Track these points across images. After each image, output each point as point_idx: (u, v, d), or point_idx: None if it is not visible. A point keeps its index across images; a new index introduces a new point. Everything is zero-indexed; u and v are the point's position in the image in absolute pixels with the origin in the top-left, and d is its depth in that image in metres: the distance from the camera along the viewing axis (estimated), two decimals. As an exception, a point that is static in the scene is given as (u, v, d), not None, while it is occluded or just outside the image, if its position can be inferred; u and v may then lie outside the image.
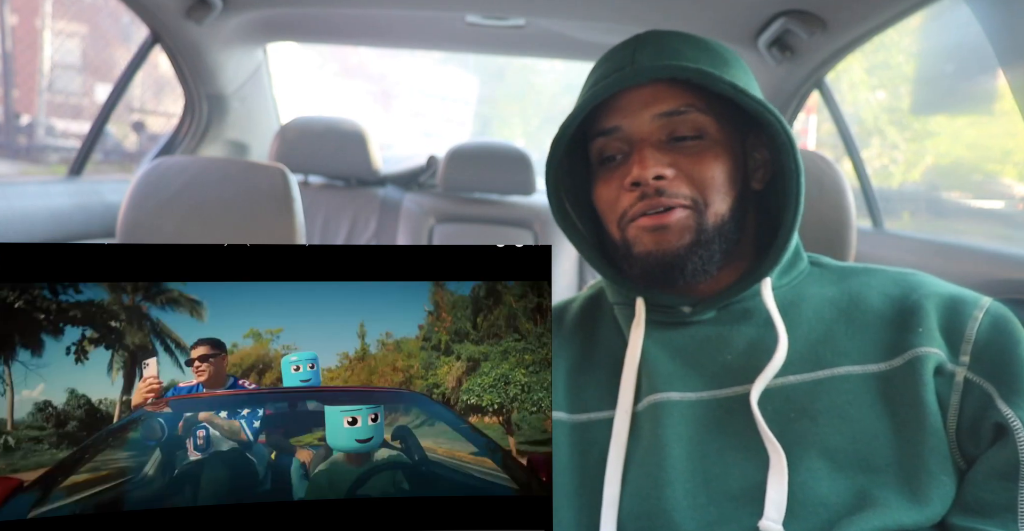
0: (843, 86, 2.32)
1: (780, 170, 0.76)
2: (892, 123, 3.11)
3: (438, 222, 2.40)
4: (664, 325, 0.78)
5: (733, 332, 0.75)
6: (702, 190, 0.73)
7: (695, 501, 0.68)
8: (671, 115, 0.73)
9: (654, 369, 0.75)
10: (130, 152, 3.34)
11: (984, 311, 0.71)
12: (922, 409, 0.67)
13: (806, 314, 0.75)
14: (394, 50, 4.48)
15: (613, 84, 0.72)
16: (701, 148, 0.73)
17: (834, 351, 0.72)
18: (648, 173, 0.71)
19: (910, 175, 3.05)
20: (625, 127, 0.74)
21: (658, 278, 0.74)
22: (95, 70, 4.49)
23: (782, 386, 0.71)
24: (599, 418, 0.76)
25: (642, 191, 0.72)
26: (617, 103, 0.75)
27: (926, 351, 0.69)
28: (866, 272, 0.79)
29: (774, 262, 0.74)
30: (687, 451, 0.70)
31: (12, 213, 1.53)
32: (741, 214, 0.76)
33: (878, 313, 0.73)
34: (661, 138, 0.74)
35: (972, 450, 0.68)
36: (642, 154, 0.72)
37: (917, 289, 0.74)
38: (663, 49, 0.74)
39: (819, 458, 0.67)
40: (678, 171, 0.72)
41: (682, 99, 0.73)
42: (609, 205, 0.76)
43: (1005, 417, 0.65)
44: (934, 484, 0.65)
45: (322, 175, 2.45)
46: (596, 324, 0.84)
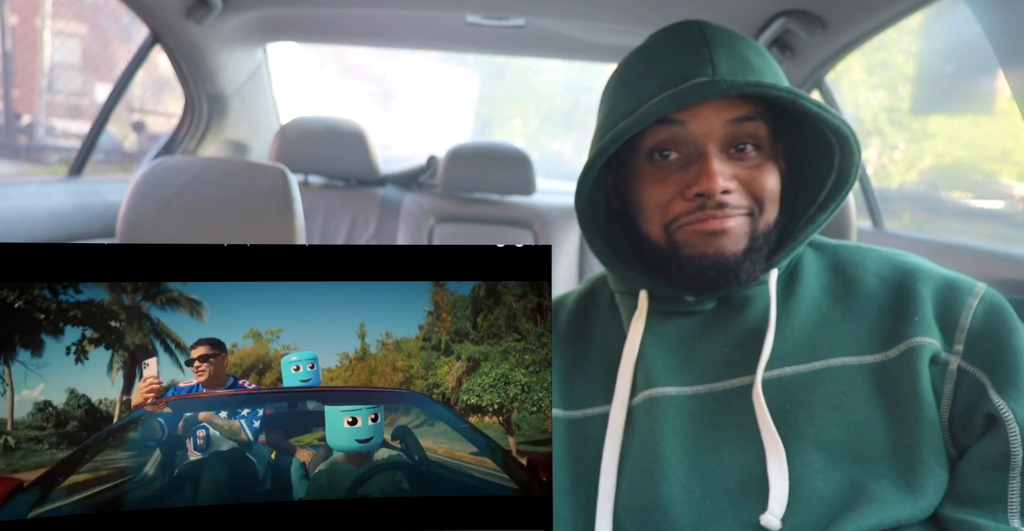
0: (843, 86, 2.31)
1: (801, 168, 0.78)
2: (892, 123, 3.11)
3: (438, 222, 2.40)
4: (665, 315, 0.78)
5: (732, 322, 0.76)
6: (759, 200, 0.73)
7: (691, 495, 0.68)
8: (740, 122, 0.72)
9: (651, 364, 0.75)
10: (130, 152, 3.34)
11: (979, 299, 0.71)
12: (918, 401, 0.67)
13: (803, 301, 0.75)
14: (394, 50, 4.48)
15: (700, 92, 0.69)
16: (760, 160, 0.73)
17: (830, 341, 0.72)
18: (717, 187, 0.70)
19: (909, 175, 3.05)
20: (693, 127, 0.72)
21: (712, 280, 0.73)
22: (95, 70, 4.49)
23: (779, 377, 0.71)
24: (594, 414, 0.76)
25: (703, 201, 0.71)
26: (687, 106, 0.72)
27: (921, 341, 0.69)
28: (859, 251, 0.79)
29: (787, 256, 0.75)
30: (683, 445, 0.70)
31: (12, 213, 1.53)
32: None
33: (874, 298, 0.74)
34: (726, 145, 0.73)
35: (964, 440, 0.68)
36: (710, 165, 0.70)
37: (913, 273, 0.75)
38: (735, 54, 0.73)
39: (815, 451, 0.67)
40: (739, 182, 0.72)
41: (750, 106, 0.72)
42: (658, 206, 0.74)
43: (997, 408, 0.66)
44: (929, 475, 0.66)
45: (322, 175, 2.45)
46: (591, 320, 0.84)
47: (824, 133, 0.75)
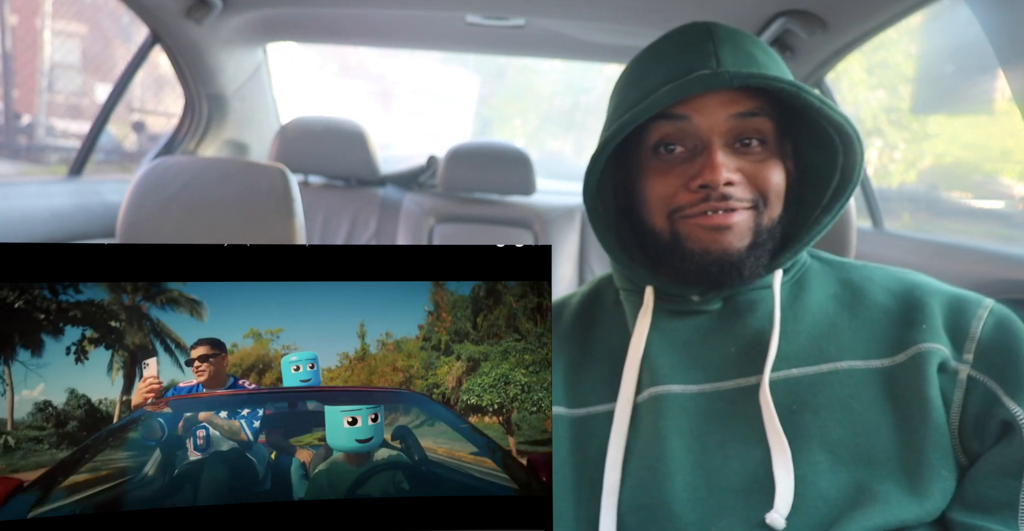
0: (843, 86, 2.31)
1: (805, 168, 0.78)
2: (892, 123, 3.10)
3: (438, 222, 2.40)
4: (670, 314, 0.78)
5: (738, 323, 0.76)
6: (764, 193, 0.74)
7: (695, 493, 0.68)
8: (745, 116, 0.73)
9: (656, 361, 0.75)
10: (130, 152, 3.34)
11: (988, 310, 0.72)
12: (925, 404, 0.67)
13: (810, 307, 0.75)
14: (394, 50, 4.48)
15: (703, 83, 0.70)
16: (765, 154, 0.74)
17: (838, 345, 0.72)
18: (720, 178, 0.71)
19: (909, 175, 3.05)
20: (697, 121, 0.73)
21: (714, 276, 0.74)
22: (95, 70, 4.49)
23: (785, 379, 0.71)
24: (598, 412, 0.76)
25: (707, 193, 0.72)
26: (690, 99, 0.73)
27: (929, 347, 0.69)
28: (865, 267, 0.80)
29: (792, 257, 0.76)
30: (687, 443, 0.70)
31: (12, 213, 1.53)
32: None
33: (881, 307, 0.74)
34: (731, 139, 0.73)
35: (976, 447, 0.68)
36: (714, 157, 0.71)
37: (920, 287, 0.75)
38: (740, 49, 0.74)
39: (820, 451, 0.67)
40: (743, 175, 0.73)
41: (755, 101, 0.73)
42: (662, 198, 0.75)
43: (1013, 414, 0.66)
44: (935, 478, 0.65)
45: (322, 175, 2.45)
46: (596, 319, 0.84)
47: (827, 132, 0.75)
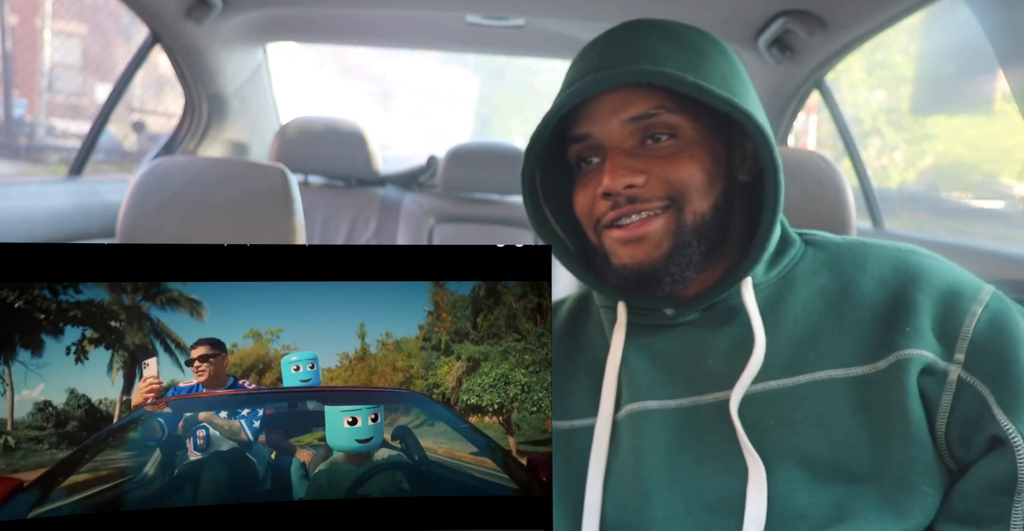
0: (843, 86, 2.32)
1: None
2: (891, 123, 3.11)
3: (438, 222, 2.40)
4: (646, 329, 0.76)
5: (716, 334, 0.73)
6: (679, 190, 0.69)
7: (673, 512, 0.67)
8: (641, 119, 0.70)
9: (634, 376, 0.74)
10: (130, 152, 3.34)
11: (983, 306, 0.67)
12: (905, 417, 0.64)
13: (793, 310, 0.71)
14: (394, 50, 4.48)
15: (578, 92, 0.69)
16: (675, 149, 0.70)
17: (818, 353, 0.69)
18: (618, 183, 0.69)
19: (909, 175, 3.05)
20: (595, 134, 0.72)
21: (635, 289, 0.72)
22: (95, 70, 4.49)
23: (763, 392, 0.69)
24: (581, 425, 0.75)
25: (614, 200, 0.70)
26: (587, 109, 0.72)
27: (911, 353, 0.66)
28: (862, 250, 0.74)
29: (754, 262, 0.71)
30: (665, 461, 0.69)
31: (12, 213, 1.53)
32: (726, 209, 0.72)
33: (869, 305, 0.70)
34: (633, 143, 0.71)
35: (963, 455, 0.66)
36: (612, 163, 0.69)
37: (914, 280, 0.70)
38: (630, 48, 0.70)
39: (798, 468, 0.66)
40: (651, 175, 0.69)
41: (651, 101, 0.70)
42: (585, 211, 0.75)
43: (1004, 430, 0.62)
44: (915, 495, 0.64)
45: (322, 175, 2.45)
46: (583, 328, 0.83)
47: (742, 123, 0.69)
